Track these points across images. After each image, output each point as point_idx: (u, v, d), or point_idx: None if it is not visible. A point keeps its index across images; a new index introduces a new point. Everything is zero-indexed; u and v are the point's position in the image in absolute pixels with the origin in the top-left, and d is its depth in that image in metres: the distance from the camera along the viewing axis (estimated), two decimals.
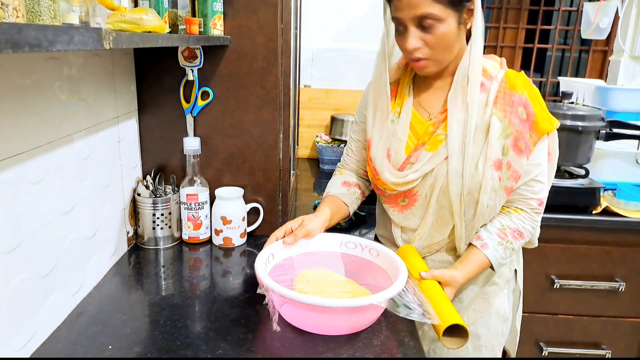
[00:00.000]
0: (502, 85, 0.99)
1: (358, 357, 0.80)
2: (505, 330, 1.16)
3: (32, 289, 0.78)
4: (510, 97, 0.98)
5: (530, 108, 0.98)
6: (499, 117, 0.97)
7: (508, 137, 0.98)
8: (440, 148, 1.00)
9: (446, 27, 0.92)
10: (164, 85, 1.19)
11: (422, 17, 0.91)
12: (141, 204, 1.16)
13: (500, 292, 1.13)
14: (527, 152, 0.99)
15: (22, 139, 0.73)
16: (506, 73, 1.00)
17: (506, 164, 0.98)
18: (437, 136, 1.01)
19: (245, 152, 1.23)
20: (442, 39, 0.93)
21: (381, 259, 1.00)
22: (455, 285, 1.00)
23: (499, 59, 1.05)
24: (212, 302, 0.96)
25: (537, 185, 1.03)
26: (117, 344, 0.81)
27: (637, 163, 1.79)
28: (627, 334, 1.76)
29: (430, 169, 1.01)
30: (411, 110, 1.06)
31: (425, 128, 1.04)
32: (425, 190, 1.04)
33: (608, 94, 1.85)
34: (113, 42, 0.53)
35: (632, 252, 1.67)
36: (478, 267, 1.03)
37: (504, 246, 1.03)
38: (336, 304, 0.80)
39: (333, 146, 2.00)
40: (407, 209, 1.08)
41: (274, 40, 1.15)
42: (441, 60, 0.98)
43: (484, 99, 0.99)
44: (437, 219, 1.06)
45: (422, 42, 0.94)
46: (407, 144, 1.05)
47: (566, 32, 2.38)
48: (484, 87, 0.99)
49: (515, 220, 1.05)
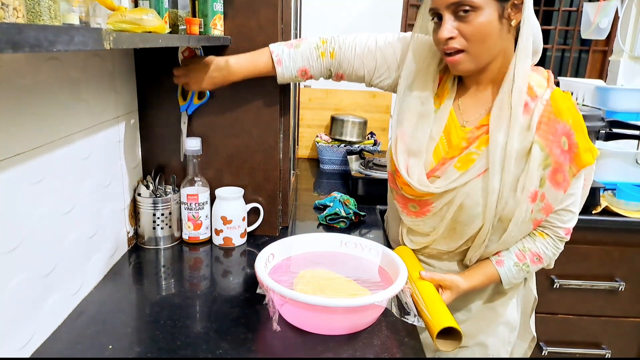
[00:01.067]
0: (547, 109, 0.90)
1: (358, 357, 0.81)
2: (512, 338, 1.14)
3: (32, 289, 0.78)
4: (554, 124, 0.90)
5: (574, 139, 0.90)
6: (541, 145, 0.90)
7: (547, 167, 0.91)
8: (470, 168, 0.94)
9: (484, 17, 0.85)
10: (164, 85, 1.19)
11: (458, 3, 0.85)
12: (141, 203, 1.16)
13: (509, 301, 1.11)
14: (564, 186, 0.92)
15: (22, 139, 0.73)
16: (552, 94, 0.91)
17: (540, 196, 0.93)
18: (469, 154, 0.95)
19: (245, 152, 1.23)
20: (479, 30, 0.86)
21: (381, 259, 1.00)
22: (456, 290, 0.98)
23: (546, 73, 0.96)
24: (212, 302, 0.96)
25: (567, 215, 0.98)
26: (117, 344, 0.81)
27: (637, 163, 1.79)
28: (627, 333, 1.76)
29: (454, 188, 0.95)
30: (449, 111, 1.00)
31: (459, 138, 0.98)
32: (440, 206, 0.99)
33: (608, 94, 1.85)
34: (113, 42, 0.53)
35: (632, 252, 1.67)
36: (487, 280, 1.01)
37: (519, 267, 1.00)
38: (336, 303, 0.80)
39: (333, 146, 2.01)
40: (418, 216, 1.04)
41: (274, 40, 1.15)
42: (478, 55, 0.90)
43: (526, 122, 0.90)
44: (450, 232, 1.01)
45: (457, 32, 0.88)
46: (437, 147, 0.99)
47: (566, 32, 2.38)
48: (527, 108, 0.91)
49: (538, 244, 1.01)
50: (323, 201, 1.49)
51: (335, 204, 1.42)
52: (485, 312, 1.10)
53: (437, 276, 0.98)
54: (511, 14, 0.88)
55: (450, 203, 0.97)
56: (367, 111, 2.19)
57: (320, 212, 1.45)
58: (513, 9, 0.88)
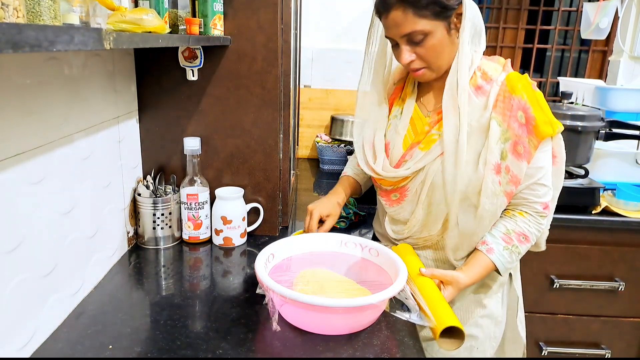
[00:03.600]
0: (502, 89, 0.98)
1: (358, 357, 0.81)
2: (497, 334, 1.15)
3: (33, 289, 0.78)
4: (509, 101, 0.97)
5: (530, 112, 0.97)
6: (498, 121, 0.97)
7: (507, 141, 0.97)
8: (432, 147, 1.02)
9: (435, 39, 0.94)
10: (164, 86, 1.19)
11: (410, 34, 0.93)
12: (141, 203, 1.16)
13: (494, 294, 1.13)
14: (526, 157, 0.98)
15: (22, 139, 0.73)
16: (507, 76, 0.99)
17: (505, 168, 0.98)
18: (430, 136, 1.03)
19: (245, 152, 1.23)
20: (434, 50, 0.95)
21: (381, 258, 1.00)
22: (457, 286, 1.00)
23: (504, 60, 1.04)
24: (212, 302, 0.96)
25: (541, 188, 1.02)
26: (117, 344, 0.81)
27: (637, 163, 1.79)
28: (626, 333, 1.76)
29: (422, 167, 1.03)
30: (413, 107, 1.09)
31: (422, 125, 1.06)
32: (415, 187, 1.06)
33: (607, 94, 1.85)
34: (113, 42, 0.53)
35: (631, 252, 1.67)
36: (484, 270, 1.03)
37: (509, 250, 1.03)
38: (335, 303, 0.80)
39: (333, 146, 2.01)
40: (398, 203, 1.10)
41: (274, 40, 1.15)
42: (438, 67, 0.99)
43: (482, 102, 0.98)
44: (427, 215, 1.07)
45: (415, 55, 0.97)
46: (405, 138, 1.07)
47: (566, 32, 2.39)
48: (482, 90, 0.99)
49: (520, 223, 1.04)
50: None
51: None
52: (469, 303, 1.12)
53: (438, 272, 0.99)
54: (457, 22, 0.96)
55: (423, 183, 1.05)
56: None
57: None
58: (457, 17, 0.95)
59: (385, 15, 0.95)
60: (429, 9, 0.91)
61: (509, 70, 1.01)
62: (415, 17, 0.91)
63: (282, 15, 1.17)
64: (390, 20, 0.94)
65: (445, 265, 1.12)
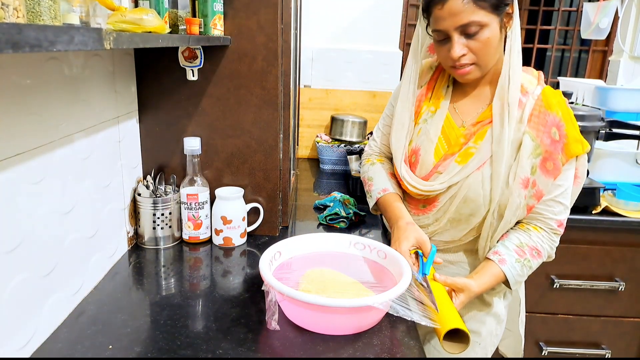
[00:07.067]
0: (537, 103, 0.98)
1: (358, 357, 0.81)
2: (499, 332, 1.16)
3: (32, 289, 0.78)
4: (545, 117, 0.97)
5: (563, 129, 0.96)
6: (532, 136, 0.97)
7: (538, 156, 0.97)
8: (469, 162, 1.00)
9: (490, 32, 0.92)
10: (164, 86, 1.19)
11: (466, 24, 0.91)
12: (141, 203, 1.16)
13: (499, 294, 1.13)
14: (555, 174, 0.98)
15: (22, 139, 0.73)
16: (543, 90, 0.99)
17: (532, 183, 0.98)
18: (468, 149, 1.02)
19: (245, 152, 1.23)
20: (487, 44, 0.94)
21: (388, 261, 0.99)
22: (469, 293, 0.99)
23: (537, 72, 1.04)
24: (213, 302, 0.96)
25: (558, 206, 1.02)
26: (117, 344, 0.81)
27: (637, 163, 1.79)
28: (627, 333, 1.76)
29: (457, 182, 1.02)
30: (446, 114, 1.07)
31: (457, 136, 1.04)
32: (446, 199, 1.05)
33: (608, 94, 1.85)
34: (113, 42, 0.53)
35: (632, 252, 1.67)
36: (495, 280, 1.02)
37: (521, 264, 1.02)
38: (334, 303, 0.80)
39: (333, 146, 2.01)
40: (424, 213, 1.10)
41: (274, 40, 1.15)
42: (486, 65, 0.98)
43: (518, 115, 0.98)
44: (451, 223, 1.07)
45: (467, 49, 0.95)
46: (437, 148, 1.06)
47: (566, 32, 2.39)
48: (519, 103, 0.98)
49: (534, 238, 1.03)
50: (323, 201, 1.49)
51: (335, 204, 1.42)
52: (477, 301, 1.12)
53: (450, 280, 0.99)
54: (506, 22, 0.96)
55: (454, 197, 1.03)
56: (367, 111, 2.19)
57: (320, 212, 1.45)
58: (507, 17, 0.96)
59: (440, 5, 0.92)
60: (488, 0, 0.90)
61: (543, 85, 1.01)
62: (474, 7, 0.90)
63: (282, 15, 1.17)
64: (446, 10, 0.91)
65: (453, 265, 1.12)
